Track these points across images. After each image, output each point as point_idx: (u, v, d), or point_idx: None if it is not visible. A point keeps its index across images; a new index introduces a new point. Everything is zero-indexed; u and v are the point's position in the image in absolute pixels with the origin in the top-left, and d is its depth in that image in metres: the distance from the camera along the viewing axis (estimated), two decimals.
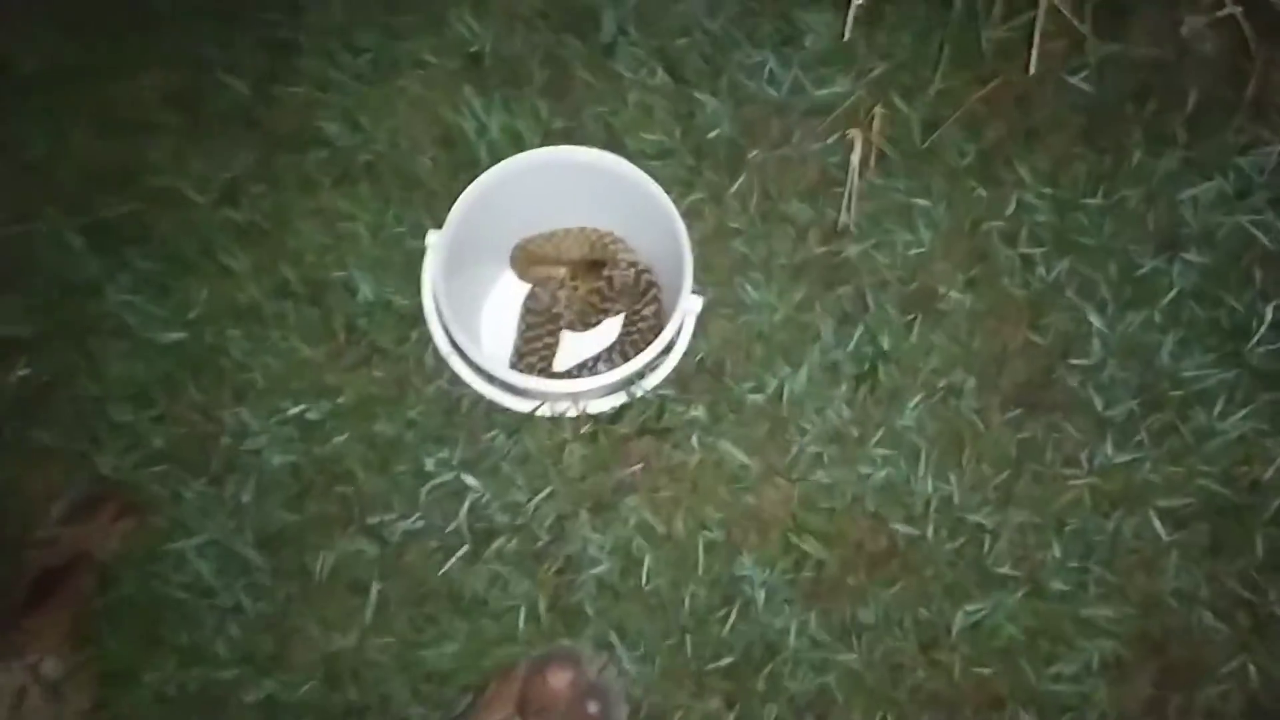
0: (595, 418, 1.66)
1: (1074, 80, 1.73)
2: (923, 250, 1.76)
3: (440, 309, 1.62)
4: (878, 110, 1.58)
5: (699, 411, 1.68)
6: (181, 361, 1.83)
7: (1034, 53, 1.35)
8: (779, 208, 1.80)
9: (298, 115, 2.00)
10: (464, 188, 1.62)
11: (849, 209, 1.62)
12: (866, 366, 1.70)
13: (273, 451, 1.76)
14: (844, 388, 1.70)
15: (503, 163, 1.64)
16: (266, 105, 2.02)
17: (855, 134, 1.49)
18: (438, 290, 1.63)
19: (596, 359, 1.71)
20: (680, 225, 1.63)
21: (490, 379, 1.66)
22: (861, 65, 1.83)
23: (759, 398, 1.70)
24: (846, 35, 1.44)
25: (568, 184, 1.62)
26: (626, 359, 1.68)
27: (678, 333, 1.63)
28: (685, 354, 1.59)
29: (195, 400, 1.82)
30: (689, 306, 1.62)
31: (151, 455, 1.80)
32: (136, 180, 1.95)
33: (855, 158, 1.51)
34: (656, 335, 1.78)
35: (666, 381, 1.64)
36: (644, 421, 1.68)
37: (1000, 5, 1.67)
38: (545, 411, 1.59)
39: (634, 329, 1.75)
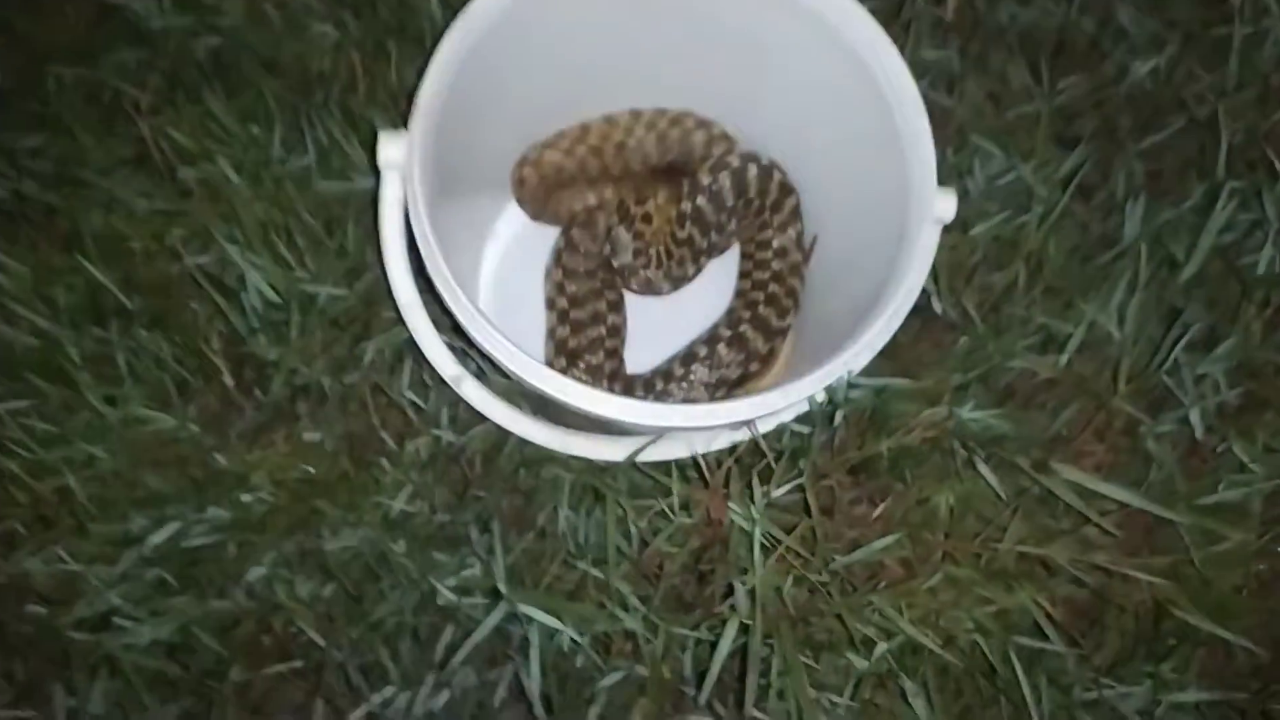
0: (749, 449, 0.84)
1: None
2: None
3: (445, 290, 0.78)
4: None
5: (964, 407, 0.86)
6: None
7: None
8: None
9: None
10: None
11: None
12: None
13: (135, 621, 0.89)
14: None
15: None
16: None
17: None
18: (428, 255, 0.78)
19: (710, 340, 1.01)
20: (889, 48, 0.82)
21: (546, 411, 0.83)
22: None
23: (1050, 362, 0.89)
24: None
25: (623, 26, 0.93)
26: (766, 328, 0.99)
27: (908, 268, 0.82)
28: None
29: None
30: (938, 212, 0.81)
31: None
32: None
33: None
34: (800, 278, 1.02)
35: (880, 362, 0.82)
36: (857, 440, 0.86)
37: None
38: (656, 454, 0.85)
39: (766, 273, 1.03)
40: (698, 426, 0.78)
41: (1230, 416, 0.90)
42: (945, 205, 0.83)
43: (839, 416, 0.83)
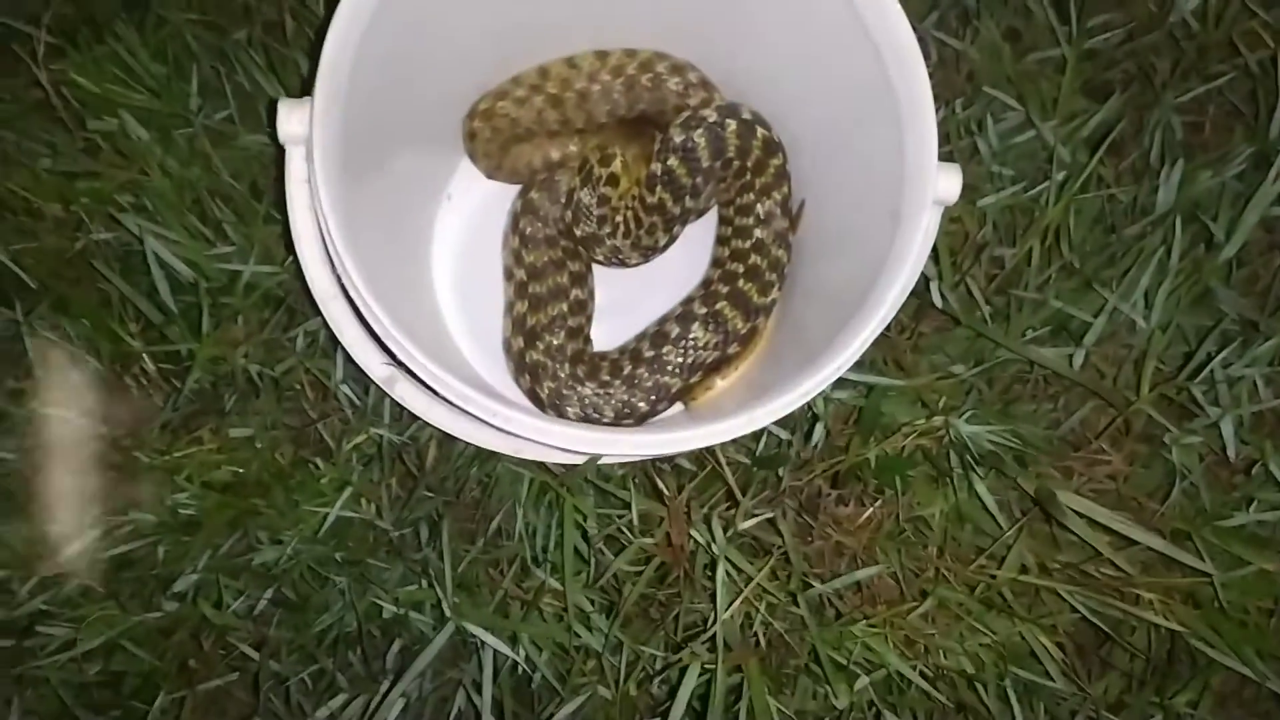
0: (725, 454, 0.75)
1: None
2: None
3: (353, 293, 0.68)
4: None
5: (962, 417, 0.76)
6: None
7: None
8: None
9: None
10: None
11: None
12: None
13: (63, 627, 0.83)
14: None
15: None
16: None
17: None
18: (333, 250, 0.67)
19: (684, 318, 0.89)
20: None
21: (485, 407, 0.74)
22: None
23: (1064, 356, 0.78)
24: None
25: None
26: (746, 306, 0.87)
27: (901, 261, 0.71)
28: None
29: None
30: (938, 192, 0.69)
31: None
32: None
33: None
34: (786, 247, 0.90)
35: (871, 351, 0.71)
36: (841, 443, 0.76)
37: None
38: (613, 456, 0.77)
39: (747, 241, 0.90)
40: (645, 456, 0.68)
41: (1268, 427, 0.80)
42: (948, 185, 0.71)
43: (819, 429, 0.73)
